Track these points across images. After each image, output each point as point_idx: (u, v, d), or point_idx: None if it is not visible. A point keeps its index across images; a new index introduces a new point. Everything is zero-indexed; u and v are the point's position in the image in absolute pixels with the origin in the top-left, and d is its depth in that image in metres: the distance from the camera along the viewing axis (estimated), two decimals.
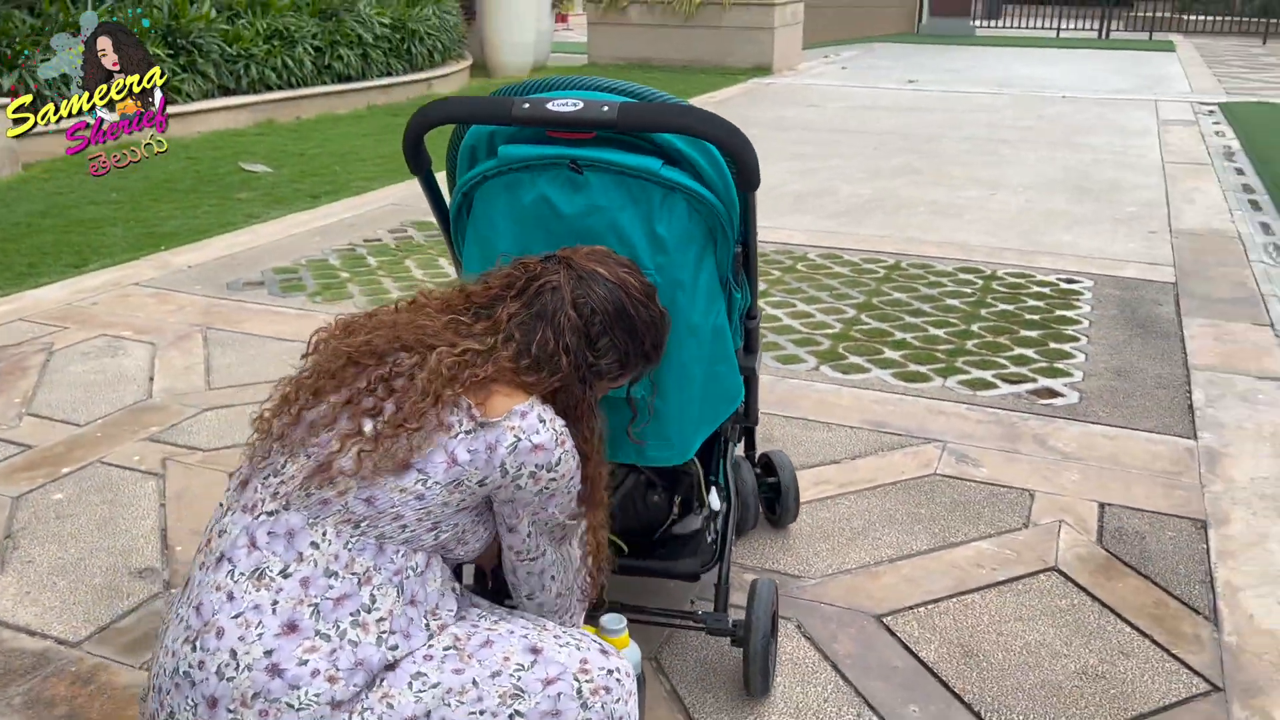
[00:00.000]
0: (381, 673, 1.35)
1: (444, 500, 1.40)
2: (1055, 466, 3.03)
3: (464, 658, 1.42)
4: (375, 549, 1.39)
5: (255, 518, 1.41)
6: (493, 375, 1.43)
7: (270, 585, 1.36)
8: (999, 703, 2.08)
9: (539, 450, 1.43)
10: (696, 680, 2.13)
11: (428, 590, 1.42)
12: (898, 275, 4.87)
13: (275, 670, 1.31)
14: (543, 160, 1.67)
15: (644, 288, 1.59)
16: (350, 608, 1.36)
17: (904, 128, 9.25)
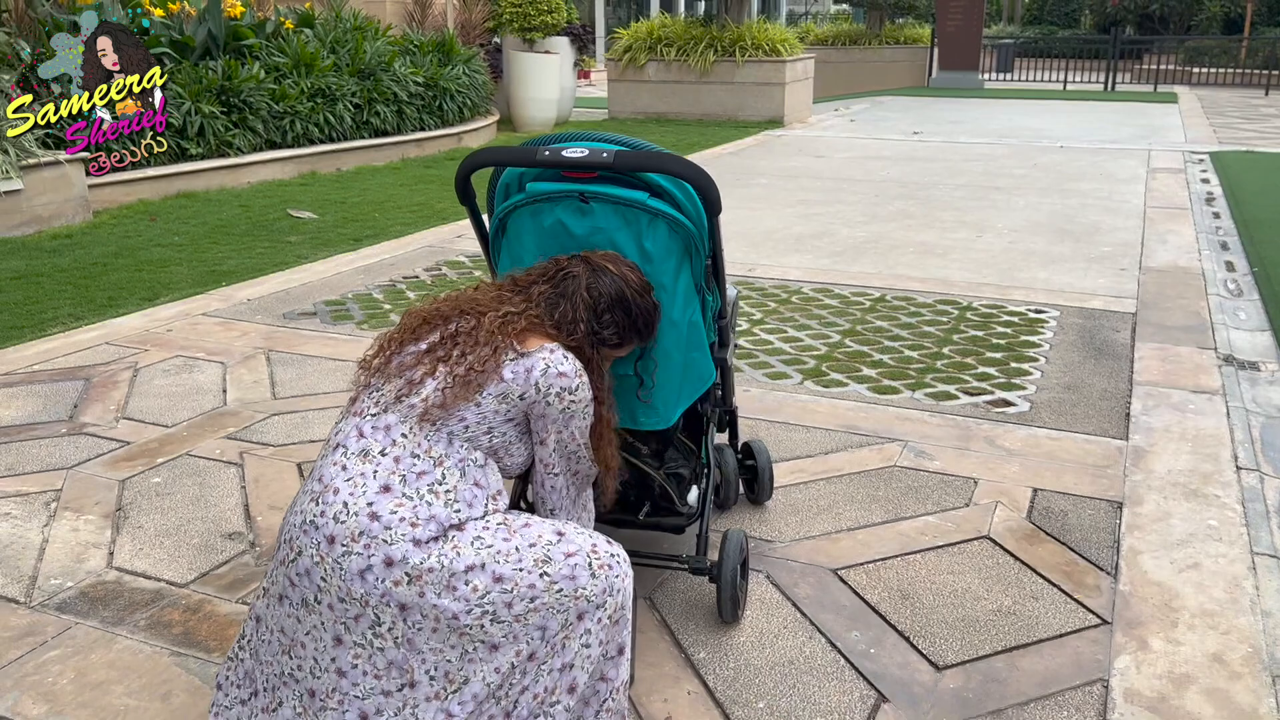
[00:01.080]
0: (450, 530, 1.88)
1: (494, 409, 1.96)
2: (999, 460, 3.53)
3: (510, 532, 1.95)
4: (446, 441, 1.94)
5: (362, 418, 1.97)
6: (526, 326, 2.01)
7: (372, 461, 1.91)
8: (925, 630, 2.58)
9: (563, 376, 1.99)
10: (682, 613, 2.64)
11: (489, 478, 1.98)
12: (882, 306, 5.40)
13: (374, 516, 1.85)
14: (559, 194, 2.23)
15: (641, 283, 2.15)
16: (428, 480, 1.91)
17: (904, 176, 9.82)
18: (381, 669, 1.88)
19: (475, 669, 1.91)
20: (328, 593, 1.87)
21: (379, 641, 1.87)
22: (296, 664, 1.93)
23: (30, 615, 2.62)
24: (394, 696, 1.89)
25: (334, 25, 10.84)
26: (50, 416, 3.89)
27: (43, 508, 3.17)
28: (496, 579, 1.89)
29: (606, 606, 1.99)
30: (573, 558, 1.96)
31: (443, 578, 1.85)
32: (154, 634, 2.54)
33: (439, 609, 1.86)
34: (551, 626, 1.94)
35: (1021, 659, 2.47)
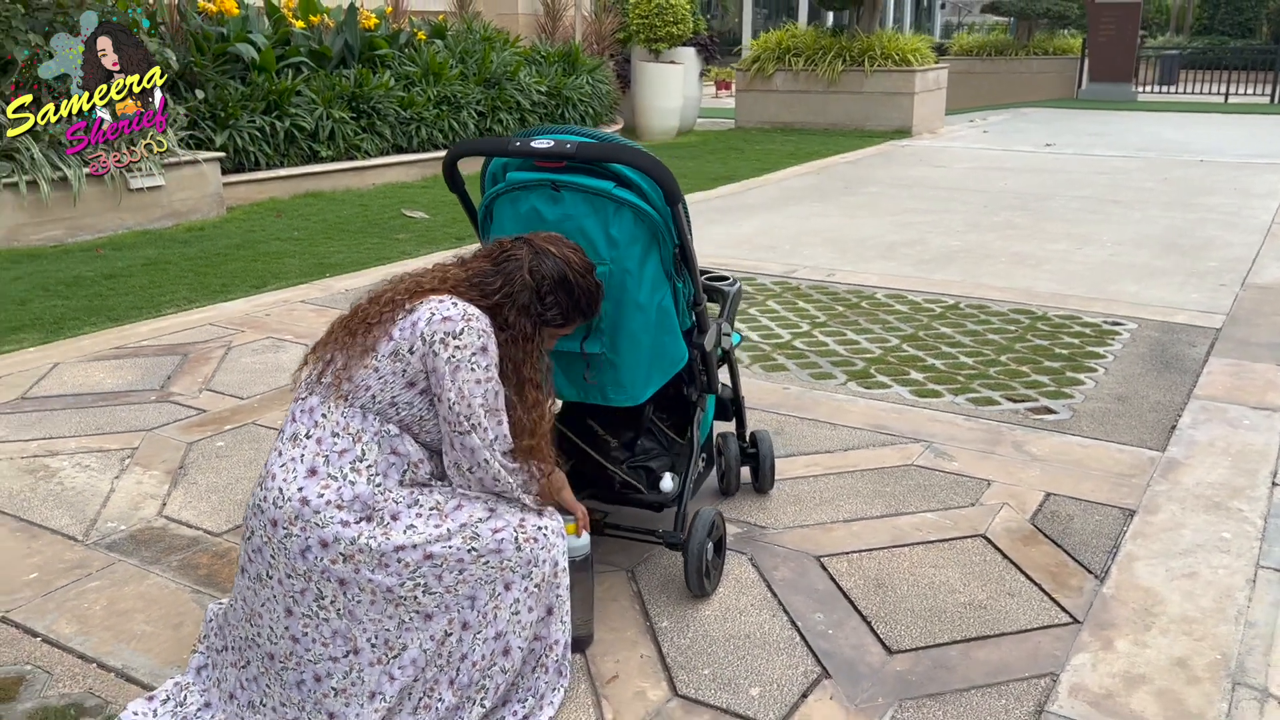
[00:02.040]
0: (379, 511, 2.05)
1: (390, 370, 2.08)
2: (1021, 465, 3.52)
3: (443, 517, 2.12)
4: (361, 416, 2.10)
5: (295, 402, 2.17)
6: (433, 288, 2.13)
7: (300, 444, 2.11)
8: (889, 617, 2.63)
9: (447, 320, 2.06)
10: (657, 586, 2.77)
11: (407, 446, 2.12)
12: (952, 314, 5.37)
13: (304, 501, 2.05)
14: (534, 182, 2.41)
15: (583, 264, 2.26)
16: (350, 458, 2.08)
17: (1022, 188, 9.60)
18: (328, 637, 2.09)
19: (412, 636, 2.10)
20: (277, 569, 2.09)
21: (323, 613, 2.08)
22: (256, 631, 2.16)
23: (84, 552, 2.96)
24: (340, 662, 2.10)
25: (464, 36, 11.33)
26: (145, 386, 4.30)
27: (118, 463, 3.54)
28: (427, 556, 2.07)
29: (532, 576, 2.16)
30: (499, 534, 2.13)
31: (374, 557, 2.04)
32: (181, 574, 2.83)
33: (374, 583, 2.05)
34: (481, 596, 2.11)
35: (978, 650, 2.50)
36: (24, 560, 2.90)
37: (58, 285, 5.92)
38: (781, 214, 8.29)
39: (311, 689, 2.12)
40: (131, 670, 2.41)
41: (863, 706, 2.29)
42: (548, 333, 2.27)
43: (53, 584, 2.78)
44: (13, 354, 4.73)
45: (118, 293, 5.79)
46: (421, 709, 2.13)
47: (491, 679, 2.14)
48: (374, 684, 2.10)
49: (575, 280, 2.23)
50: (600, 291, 2.32)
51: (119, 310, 5.45)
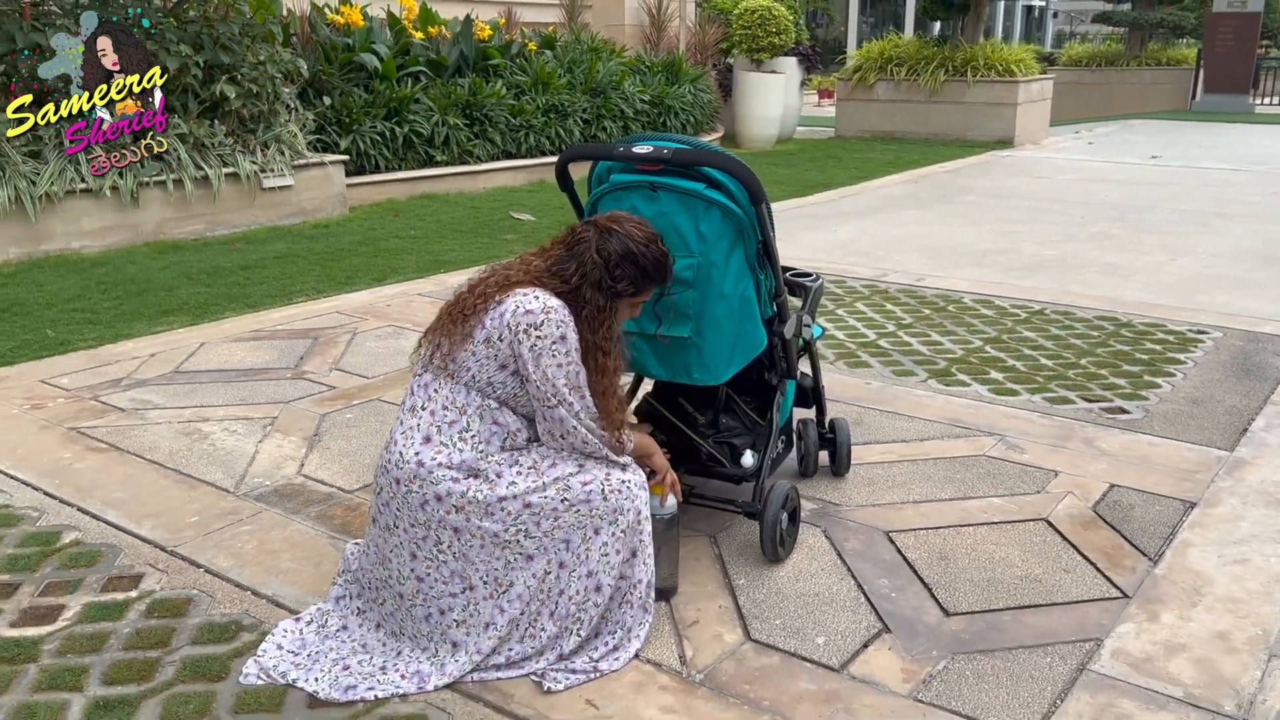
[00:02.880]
0: (483, 472, 2.38)
1: (484, 354, 2.40)
2: (1089, 459, 3.71)
3: (539, 474, 2.45)
4: (465, 391, 2.44)
5: (414, 378, 2.52)
6: (519, 280, 2.43)
7: (417, 415, 2.46)
8: (949, 585, 2.88)
9: (529, 313, 2.34)
10: (737, 550, 3.06)
11: (506, 418, 2.45)
12: (1037, 319, 5.53)
13: (420, 463, 2.40)
14: (633, 183, 2.73)
15: (645, 236, 2.48)
16: (458, 429, 2.42)
17: (1123, 199, 9.59)
18: (447, 577, 2.44)
19: (517, 574, 2.44)
20: (401, 520, 2.45)
21: (442, 556, 2.43)
22: (388, 574, 2.52)
23: (235, 501, 3.38)
24: (459, 597, 2.45)
25: (573, 47, 11.78)
26: (281, 364, 4.76)
27: (260, 429, 3.98)
28: (526, 505, 2.41)
29: (618, 522, 2.47)
30: (588, 486, 2.45)
31: (482, 507, 2.39)
32: (319, 523, 3.23)
33: (482, 529, 2.40)
34: (574, 540, 2.44)
35: (1029, 616, 2.73)
36: (186, 506, 3.34)
37: (200, 274, 6.48)
38: (876, 221, 8.48)
39: (438, 621, 2.47)
40: (280, 598, 2.80)
41: (918, 657, 2.55)
42: (624, 303, 2.53)
43: (210, 526, 3.20)
44: (165, 334, 5.26)
45: (253, 282, 6.32)
46: (528, 637, 2.46)
47: (586, 612, 2.46)
48: (488, 616, 2.45)
49: (639, 252, 2.48)
50: (669, 260, 2.56)
51: (255, 298, 5.97)
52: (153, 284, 6.25)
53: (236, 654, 2.54)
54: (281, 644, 2.56)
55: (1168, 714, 2.33)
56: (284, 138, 8.10)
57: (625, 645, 2.54)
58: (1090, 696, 2.40)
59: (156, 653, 2.55)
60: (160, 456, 3.72)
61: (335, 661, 2.49)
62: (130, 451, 3.76)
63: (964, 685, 2.44)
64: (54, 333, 5.24)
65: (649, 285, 2.55)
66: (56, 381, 4.51)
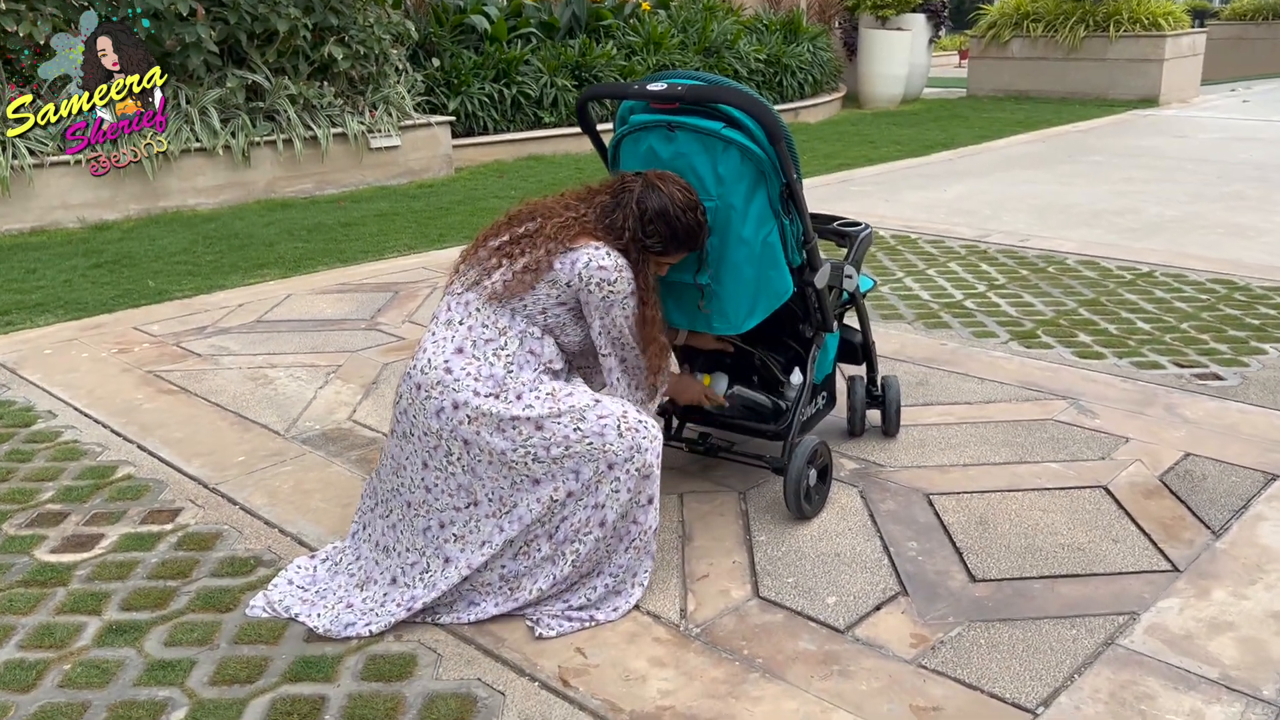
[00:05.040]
0: (507, 390, 2.38)
1: (546, 293, 2.43)
2: (1167, 426, 3.45)
3: (555, 401, 2.42)
4: (509, 315, 2.45)
5: (452, 295, 2.52)
6: (579, 231, 2.44)
7: (453, 328, 2.47)
8: (982, 550, 2.72)
9: (603, 269, 2.41)
10: (764, 507, 2.97)
11: (545, 348, 2.46)
12: (1143, 281, 5.18)
13: (448, 370, 2.41)
14: (652, 124, 2.65)
15: (686, 202, 2.50)
16: (493, 346, 2.43)
17: (1266, 159, 8.91)
18: (454, 490, 2.44)
19: (522, 497, 2.42)
20: (417, 427, 2.45)
21: (451, 468, 2.43)
22: (400, 481, 2.54)
23: (283, 443, 3.47)
24: (462, 512, 2.45)
25: (687, 6, 11.62)
26: (358, 315, 4.87)
27: (323, 376, 4.08)
28: (538, 427, 2.38)
29: (634, 461, 2.41)
30: (604, 419, 2.40)
31: (494, 421, 2.37)
32: (358, 465, 3.29)
33: (491, 445, 2.38)
34: (585, 472, 2.40)
35: (1062, 585, 2.56)
36: (236, 446, 3.45)
37: (301, 230, 6.69)
38: (990, 180, 8.11)
39: (435, 534, 2.47)
40: (304, 536, 2.86)
41: (931, 622, 2.41)
42: (651, 258, 2.52)
43: (254, 466, 3.30)
44: (256, 285, 5.44)
45: (350, 239, 6.48)
46: (520, 555, 2.45)
47: (584, 542, 2.42)
48: (486, 534, 2.44)
49: (675, 214, 2.47)
50: (703, 230, 2.54)
51: (349, 253, 6.12)
52: (255, 239, 6.47)
53: (249, 587, 2.60)
54: (293, 579, 2.61)
55: (1195, 695, 2.15)
56: (392, 99, 8.26)
57: (627, 592, 2.49)
58: (1112, 673, 2.22)
59: (176, 583, 2.63)
60: (224, 400, 3.85)
61: (340, 599, 2.53)
62: (197, 394, 3.90)
63: (974, 654, 2.30)
64: (154, 283, 5.48)
65: (677, 249, 2.54)
66: (147, 328, 4.73)
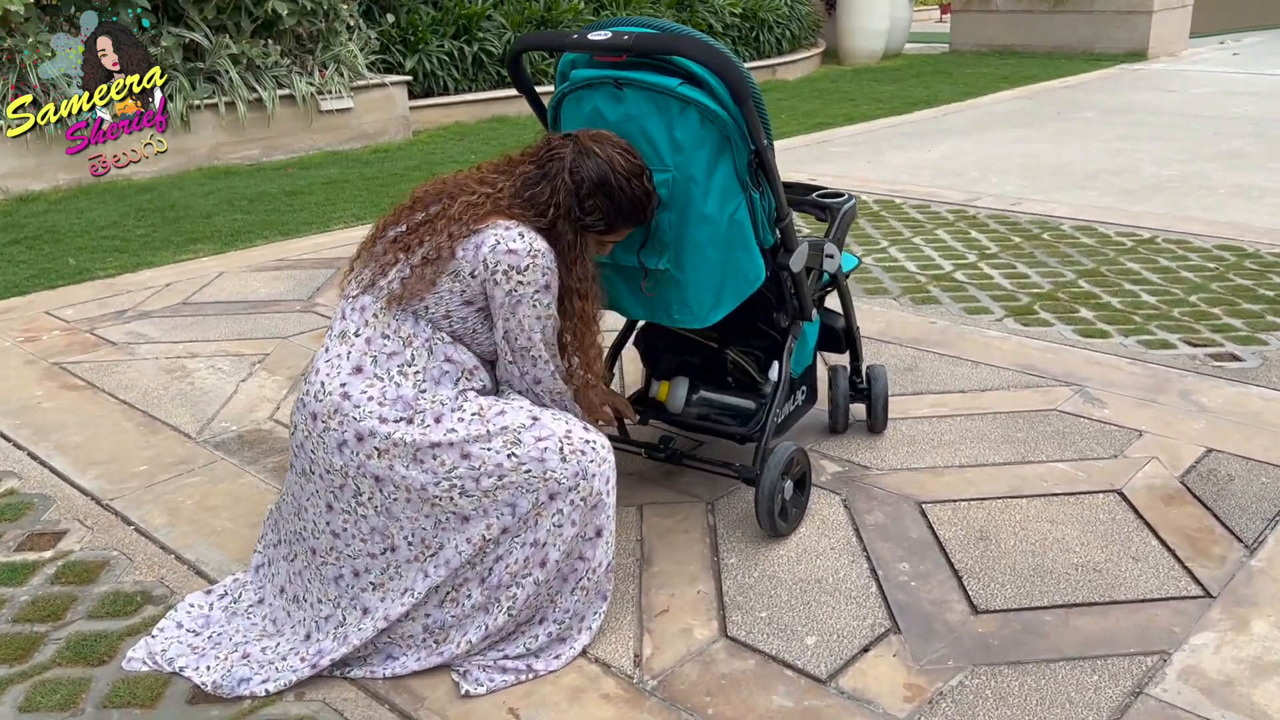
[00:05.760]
0: (421, 414, 1.98)
1: (449, 289, 2.01)
2: (1184, 416, 3.09)
3: (484, 421, 2.03)
4: (413, 321, 2.03)
5: (346, 300, 2.11)
6: (490, 210, 2.02)
7: (348, 341, 2.06)
8: (985, 572, 2.36)
9: (512, 254, 1.98)
10: (734, 521, 2.60)
11: (461, 354, 2.05)
12: (1144, 249, 4.82)
13: (345, 395, 2.00)
14: (596, 80, 2.24)
15: (630, 167, 2.09)
16: (398, 361, 2.02)
17: (1262, 114, 8.55)
18: (366, 533, 2.05)
19: (449, 537, 2.03)
20: (317, 464, 2.06)
21: (362, 509, 2.04)
22: (303, 525, 2.15)
23: (192, 448, 3.07)
24: (378, 559, 2.07)
25: None
26: (294, 296, 4.45)
27: (247, 367, 3.67)
28: (464, 455, 1.99)
29: (579, 489, 2.03)
30: (543, 441, 2.01)
31: (409, 451, 1.98)
32: (274, 476, 2.89)
33: (408, 480, 1.99)
34: (521, 504, 2.01)
35: (1079, 617, 2.20)
36: (139, 453, 3.04)
37: (242, 200, 6.23)
38: (976, 139, 7.71)
39: (349, 584, 2.10)
40: (203, 564, 2.47)
41: (929, 667, 2.06)
42: (592, 238, 2.13)
43: (157, 477, 2.90)
44: (188, 262, 5.00)
45: (295, 209, 6.04)
46: (449, 602, 2.07)
47: (521, 586, 2.04)
48: (410, 580, 2.06)
49: (618, 184, 2.07)
50: (651, 199, 2.14)
51: (291, 225, 5.68)
52: (192, 210, 6.02)
53: (131, 631, 2.22)
54: (182, 622, 2.22)
55: None
56: (343, 58, 7.76)
57: (573, 639, 2.12)
58: None
59: (45, 627, 2.24)
60: (133, 396, 3.44)
61: (236, 647, 2.14)
62: (105, 390, 3.49)
63: (980, 709, 1.94)
64: (75, 261, 5.04)
65: (622, 223, 2.14)
66: (61, 313, 4.29)
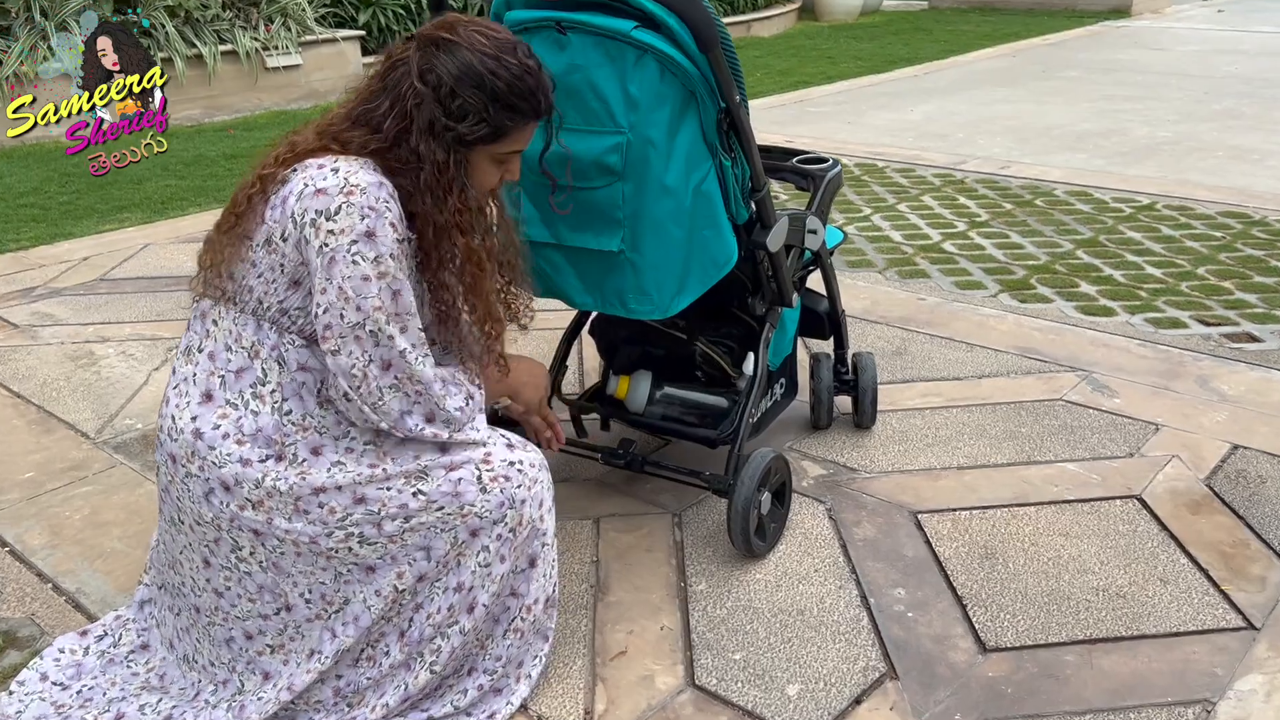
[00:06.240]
0: (289, 447, 1.59)
1: (268, 264, 1.56)
2: (1204, 406, 2.78)
3: (379, 454, 1.64)
4: (254, 324, 1.61)
5: (192, 305, 1.71)
6: (317, 147, 1.57)
7: (193, 360, 1.66)
8: (993, 599, 2.04)
9: (320, 194, 1.49)
10: (705, 536, 2.27)
11: (319, 361, 1.61)
12: (1144, 216, 4.50)
13: (198, 434, 1.61)
14: (534, 23, 1.86)
15: (498, 43, 1.58)
16: (249, 380, 1.61)
17: (1252, 73, 8.23)
18: (254, 592, 1.70)
19: (353, 590, 1.68)
20: (185, 514, 1.68)
21: (244, 565, 1.68)
22: (180, 579, 1.79)
23: (90, 450, 2.70)
24: (272, 620, 1.71)
25: None
26: None
27: (162, 352, 3.29)
28: (358, 500, 1.62)
29: (506, 521, 1.68)
30: (456, 472, 1.65)
31: (287, 502, 1.60)
32: None
33: (293, 533, 1.62)
34: (438, 547, 1.66)
35: (1104, 656, 1.89)
36: (27, 457, 2.67)
37: (178, 165, 5.79)
38: (959, 99, 7.36)
39: (243, 647, 1.75)
40: (84, 595, 2.12)
41: None
42: (482, 156, 1.64)
43: (44, 486, 2.53)
44: (111, 233, 4.59)
45: (234, 174, 5.60)
46: (364, 660, 1.72)
47: (447, 639, 1.70)
48: (315, 641, 1.71)
49: (486, 68, 1.56)
50: (537, 76, 1.63)
51: (229, 192, 5.21)
52: (121, 175, 5.56)
53: None
54: (48, 672, 1.87)
55: None
56: (290, 11, 7.29)
57: (510, 688, 1.79)
58: None
59: None
60: (30, 388, 3.05)
61: (110, 705, 1.79)
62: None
63: None
64: None
65: (515, 121, 1.61)
66: None
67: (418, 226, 1.61)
